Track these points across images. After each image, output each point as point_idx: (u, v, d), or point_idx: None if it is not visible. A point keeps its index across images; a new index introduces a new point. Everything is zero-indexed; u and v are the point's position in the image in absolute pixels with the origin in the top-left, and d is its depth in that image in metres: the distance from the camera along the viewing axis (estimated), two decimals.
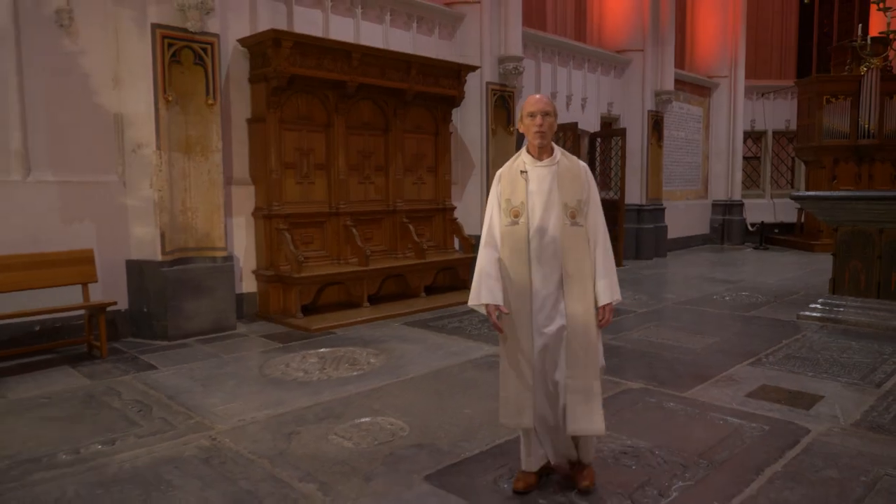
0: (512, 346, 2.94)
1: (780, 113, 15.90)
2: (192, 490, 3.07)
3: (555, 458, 3.05)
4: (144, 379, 4.86)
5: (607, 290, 2.92)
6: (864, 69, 13.04)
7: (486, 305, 2.94)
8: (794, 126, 15.19)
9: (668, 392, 4.48)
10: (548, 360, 2.89)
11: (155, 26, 5.86)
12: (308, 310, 6.88)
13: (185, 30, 6.00)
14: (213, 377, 4.91)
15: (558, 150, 3.02)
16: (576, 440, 3.01)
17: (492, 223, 3.00)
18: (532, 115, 2.91)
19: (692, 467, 3.28)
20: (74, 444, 3.61)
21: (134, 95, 6.00)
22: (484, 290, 2.95)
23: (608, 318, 2.94)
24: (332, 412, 4.11)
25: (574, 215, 2.89)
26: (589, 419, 2.86)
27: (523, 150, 3.04)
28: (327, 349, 5.70)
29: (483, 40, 8.93)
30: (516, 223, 2.92)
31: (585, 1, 12.39)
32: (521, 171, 2.96)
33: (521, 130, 3.02)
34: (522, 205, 2.91)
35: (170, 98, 5.98)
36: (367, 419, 3.97)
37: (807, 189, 14.01)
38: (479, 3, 8.89)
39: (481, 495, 2.96)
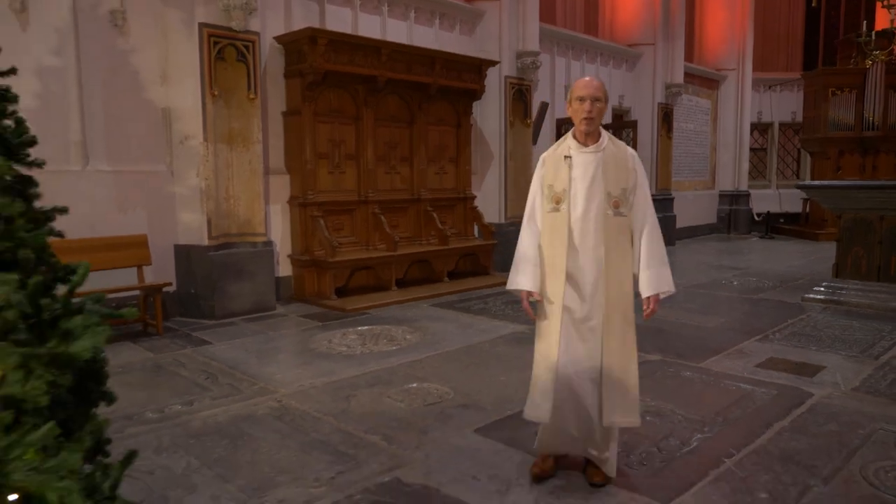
0: (543, 334, 2.92)
1: (786, 105, 16.23)
2: (272, 440, 3.51)
3: (573, 450, 3.02)
4: (202, 352, 5.31)
5: (653, 280, 2.83)
6: (869, 62, 13.38)
7: (521, 291, 2.91)
8: (800, 118, 15.52)
9: (685, 363, 4.91)
10: (582, 350, 2.83)
11: (202, 25, 6.27)
12: (340, 292, 7.32)
13: (230, 28, 6.40)
14: (264, 351, 5.36)
15: (606, 136, 2.90)
16: (602, 449, 2.93)
17: (534, 206, 2.97)
18: (581, 99, 2.79)
19: (709, 423, 3.71)
20: (158, 404, 4.06)
21: (181, 91, 6.41)
22: (521, 275, 2.91)
23: (653, 309, 2.86)
24: (381, 379, 4.55)
25: (618, 204, 2.80)
26: (625, 410, 2.82)
27: (570, 133, 2.94)
28: (364, 327, 6.13)
29: (502, 36, 9.30)
30: (557, 210, 2.85)
31: None
32: (566, 157, 2.87)
33: (568, 113, 2.90)
34: (564, 192, 2.83)
35: (215, 93, 6.39)
36: (415, 385, 4.41)
37: (812, 179, 14.38)
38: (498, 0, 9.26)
39: (526, 444, 3.39)
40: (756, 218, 15.59)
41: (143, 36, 6.31)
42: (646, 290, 2.84)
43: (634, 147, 11.19)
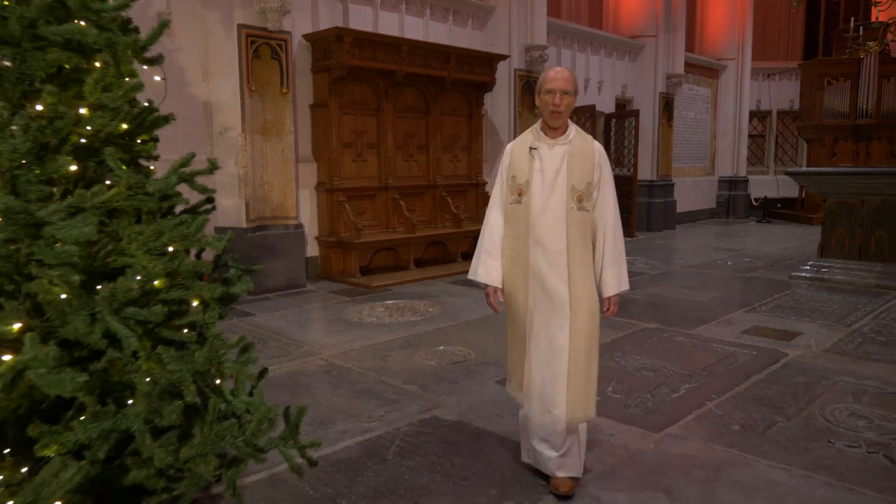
0: (510, 327, 2.96)
1: (784, 93, 16.72)
2: (325, 389, 4.16)
3: (534, 456, 2.95)
4: (248, 322, 5.96)
5: (614, 280, 2.83)
6: (862, 53, 13.87)
7: (486, 286, 2.92)
8: (797, 106, 16.03)
9: (677, 330, 5.54)
10: (548, 347, 2.79)
11: (240, 27, 6.86)
12: (364, 271, 7.95)
13: (265, 29, 6.99)
14: (303, 321, 6.01)
15: (573, 128, 2.84)
16: (559, 446, 2.83)
17: (497, 196, 2.94)
18: (551, 91, 2.72)
19: (696, 376, 4.35)
20: None
21: (222, 86, 7.01)
22: (481, 268, 2.91)
23: (613, 310, 2.89)
24: (411, 343, 5.19)
25: (581, 199, 2.75)
26: (584, 406, 2.79)
27: (538, 124, 2.87)
28: (390, 301, 6.77)
29: (511, 30, 9.86)
30: (519, 202, 2.80)
31: None
32: (531, 148, 2.81)
33: (537, 104, 2.84)
34: (527, 184, 2.78)
35: (252, 88, 6.99)
36: (441, 347, 5.06)
37: (808, 165, 14.93)
38: None
39: None
40: (754, 203, 16.15)
41: (187, 36, 6.90)
42: (608, 290, 2.84)
43: (636, 135, 11.85)
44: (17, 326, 1.50)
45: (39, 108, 1.60)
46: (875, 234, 7.38)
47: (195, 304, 1.93)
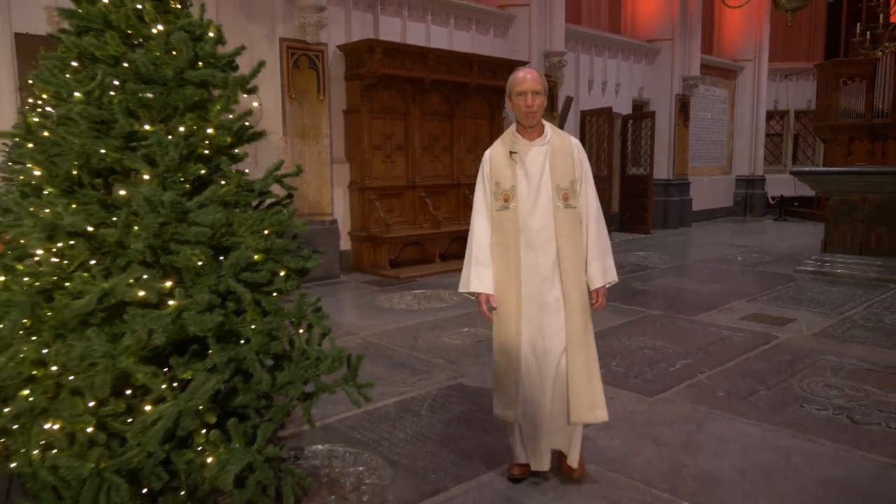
0: (501, 336, 2.86)
1: (802, 93, 17.00)
2: (365, 362, 4.64)
3: (538, 460, 2.93)
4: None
5: (599, 272, 2.81)
6: (879, 53, 14.15)
7: (478, 294, 2.86)
8: (815, 106, 16.32)
9: (681, 316, 6.07)
10: (544, 350, 2.79)
11: (282, 40, 7.52)
12: (392, 264, 8.58)
13: (304, 41, 7.65)
14: (339, 307, 6.65)
15: (548, 128, 2.85)
16: (567, 441, 2.93)
17: (478, 205, 2.90)
18: (521, 93, 2.72)
19: (692, 354, 4.89)
20: None
21: (265, 94, 7.67)
22: (473, 278, 2.86)
23: (601, 302, 2.87)
24: (438, 325, 5.80)
25: (567, 197, 2.76)
26: (592, 407, 2.79)
27: (512, 128, 2.86)
28: (418, 291, 7.39)
29: (531, 38, 10.41)
30: (507, 208, 2.78)
31: None
32: (512, 153, 2.80)
33: (508, 108, 2.86)
34: (513, 188, 2.78)
35: (292, 95, 7.66)
36: (465, 329, 5.65)
37: (824, 164, 15.23)
38: (528, 5, 10.35)
39: None
40: (771, 201, 16.48)
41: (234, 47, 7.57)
42: (594, 282, 2.83)
43: (652, 137, 12.33)
44: (168, 284, 2.12)
45: (182, 129, 2.23)
46: (875, 230, 7.80)
47: (282, 273, 2.54)
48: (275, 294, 2.51)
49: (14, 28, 6.36)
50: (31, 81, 2.76)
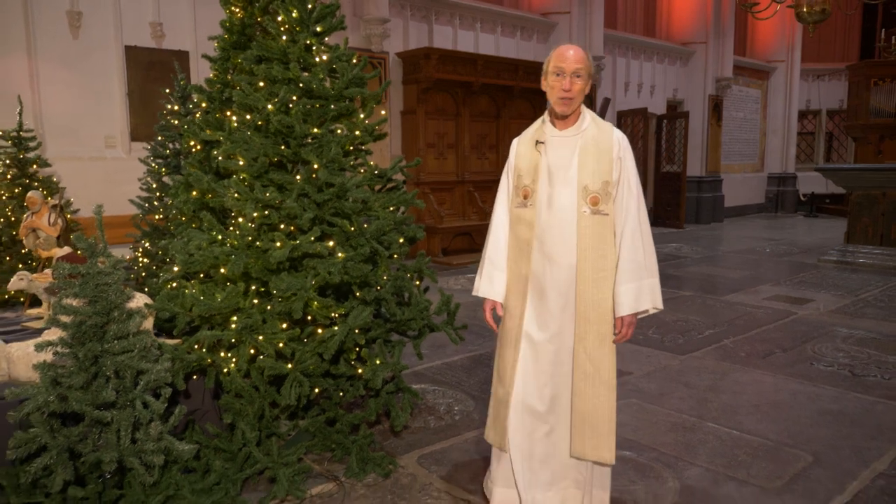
0: (502, 351, 2.52)
1: (834, 93, 17.39)
2: None
3: (529, 498, 2.45)
4: None
5: (630, 295, 2.32)
6: None
7: (484, 300, 2.55)
8: (846, 105, 16.70)
9: (709, 296, 6.79)
10: (544, 378, 2.40)
11: (351, 49, 8.40)
12: (444, 252, 9.43)
13: (369, 50, 8.53)
14: None
15: (588, 116, 2.42)
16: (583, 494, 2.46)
17: (501, 196, 2.59)
18: (559, 73, 2.30)
19: (719, 325, 5.63)
20: None
21: None
22: (484, 281, 2.56)
23: (624, 333, 2.37)
24: None
25: (596, 201, 2.32)
26: (596, 444, 2.35)
27: (545, 115, 2.47)
28: (470, 275, 8.22)
29: (572, 43, 11.12)
30: (525, 206, 2.40)
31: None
32: (538, 142, 2.41)
33: (543, 88, 2.41)
34: (534, 184, 2.38)
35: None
36: None
37: (855, 162, 15.64)
38: (569, 13, 11.10)
39: None
40: (802, 198, 16.91)
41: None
42: (620, 309, 2.33)
43: (685, 136, 12.98)
44: (330, 243, 2.98)
45: (339, 131, 3.10)
46: (895, 223, 8.38)
47: (400, 241, 3.38)
48: (395, 256, 3.35)
49: (124, 41, 7.35)
50: (193, 95, 3.72)
